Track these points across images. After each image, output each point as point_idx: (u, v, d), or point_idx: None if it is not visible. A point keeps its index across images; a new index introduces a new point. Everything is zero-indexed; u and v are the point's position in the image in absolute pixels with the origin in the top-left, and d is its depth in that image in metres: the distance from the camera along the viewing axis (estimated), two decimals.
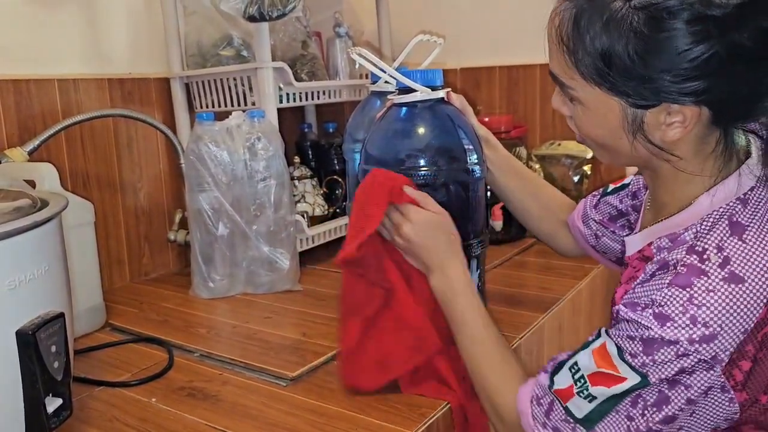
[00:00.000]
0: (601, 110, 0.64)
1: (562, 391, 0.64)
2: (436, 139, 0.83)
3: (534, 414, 0.66)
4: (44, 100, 1.15)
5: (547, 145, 1.52)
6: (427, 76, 0.84)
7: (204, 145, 1.14)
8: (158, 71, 1.35)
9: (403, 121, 0.85)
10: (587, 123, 0.66)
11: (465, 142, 0.83)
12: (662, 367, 0.58)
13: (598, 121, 0.65)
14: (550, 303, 1.08)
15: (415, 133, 0.84)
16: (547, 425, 0.65)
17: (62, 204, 0.71)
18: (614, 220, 0.90)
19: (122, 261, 1.30)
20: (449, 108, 0.86)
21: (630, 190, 0.88)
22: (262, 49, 1.21)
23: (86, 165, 1.22)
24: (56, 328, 0.65)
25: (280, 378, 0.86)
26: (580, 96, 0.64)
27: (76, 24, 1.22)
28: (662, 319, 0.57)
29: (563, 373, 0.65)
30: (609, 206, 0.90)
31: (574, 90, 0.64)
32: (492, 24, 1.58)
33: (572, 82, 0.64)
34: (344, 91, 1.42)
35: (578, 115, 0.67)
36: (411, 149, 0.82)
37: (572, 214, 0.96)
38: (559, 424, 0.64)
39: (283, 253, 1.18)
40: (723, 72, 0.57)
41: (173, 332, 1.03)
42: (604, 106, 0.63)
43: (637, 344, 0.59)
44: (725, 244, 0.59)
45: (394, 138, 0.85)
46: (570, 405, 0.63)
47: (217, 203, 1.15)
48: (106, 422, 0.77)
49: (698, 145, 0.64)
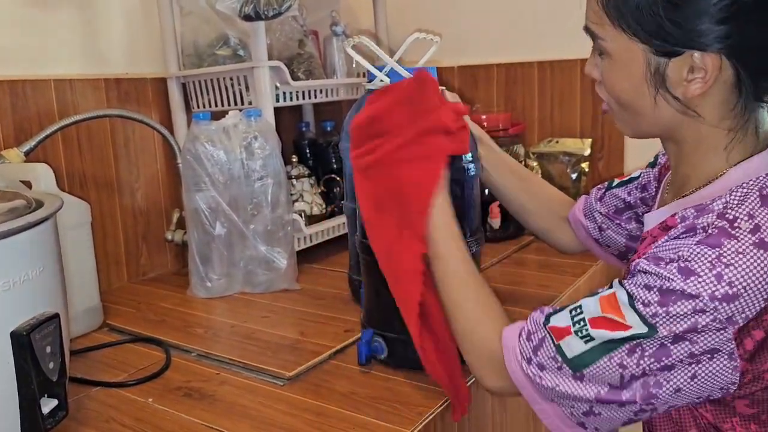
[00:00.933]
0: (626, 59, 0.65)
1: (558, 329, 0.63)
2: None
3: (521, 348, 0.65)
4: (40, 100, 1.14)
5: (545, 143, 1.52)
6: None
7: (201, 144, 1.14)
8: (155, 71, 1.35)
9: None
10: (613, 77, 0.68)
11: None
12: (675, 321, 0.57)
13: (623, 73, 0.66)
14: (548, 300, 1.08)
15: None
16: (532, 360, 0.64)
17: (57, 205, 0.71)
18: (620, 213, 0.91)
19: (120, 261, 1.30)
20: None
21: (639, 182, 0.89)
22: (259, 49, 1.21)
23: (83, 165, 1.22)
24: (51, 329, 0.65)
25: (277, 377, 0.86)
26: (609, 46, 0.66)
27: (72, 24, 1.22)
28: (687, 273, 0.57)
29: (562, 314, 0.64)
30: (616, 198, 0.91)
31: (604, 40, 0.66)
32: (490, 22, 1.58)
33: (602, 30, 0.66)
34: (341, 89, 1.41)
35: (606, 69, 0.68)
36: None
37: (573, 209, 0.96)
38: (545, 360, 0.63)
39: (281, 252, 1.18)
40: (749, 18, 0.59)
41: (171, 332, 1.03)
42: (630, 54, 0.64)
43: (653, 294, 0.58)
44: (756, 213, 0.59)
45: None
46: (562, 343, 0.62)
47: (214, 203, 1.15)
48: (103, 423, 0.77)
49: (721, 110, 0.65)
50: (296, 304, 1.13)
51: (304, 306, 1.11)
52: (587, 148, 1.47)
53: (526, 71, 1.54)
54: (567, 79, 1.49)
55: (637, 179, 0.90)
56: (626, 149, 1.45)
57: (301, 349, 0.93)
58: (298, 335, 0.99)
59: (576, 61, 1.47)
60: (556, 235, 0.99)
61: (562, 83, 1.50)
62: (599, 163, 1.49)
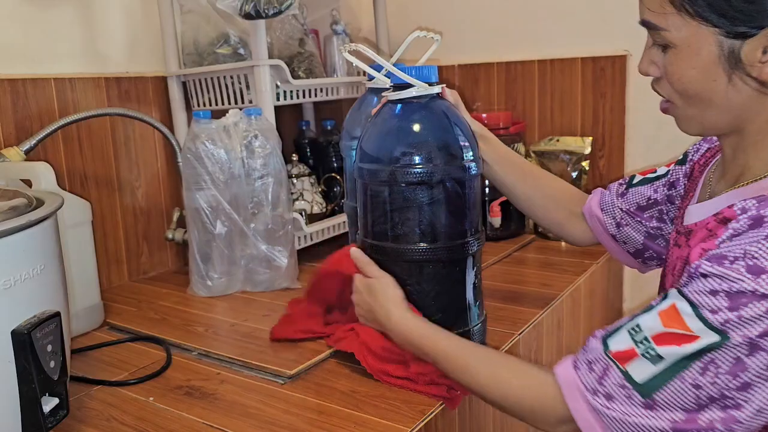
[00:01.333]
0: (695, 46, 0.63)
1: (621, 353, 0.59)
2: (432, 136, 0.82)
3: (584, 380, 0.61)
4: (41, 99, 1.14)
5: (546, 141, 1.52)
6: (422, 73, 0.83)
7: (201, 143, 1.14)
8: (155, 70, 1.35)
9: (398, 117, 0.84)
10: (680, 67, 0.65)
11: (461, 139, 0.83)
12: (748, 325, 0.53)
13: (692, 61, 0.63)
14: (549, 299, 1.08)
15: (411, 130, 0.83)
16: (598, 392, 0.59)
17: (58, 203, 0.71)
18: (643, 210, 0.89)
19: (120, 260, 1.30)
20: (444, 104, 0.85)
21: (668, 179, 0.87)
22: (259, 47, 1.21)
23: (83, 164, 1.22)
24: (52, 328, 0.65)
25: (278, 376, 0.86)
26: (673, 37, 0.63)
27: (72, 23, 1.21)
28: (757, 272, 0.53)
29: (620, 336, 0.60)
30: (640, 196, 0.90)
31: (668, 30, 0.64)
32: (490, 20, 1.58)
33: (665, 20, 0.63)
34: (342, 88, 1.41)
35: (671, 62, 0.65)
36: (406, 147, 0.81)
37: (588, 203, 0.95)
38: (613, 390, 0.58)
39: (281, 251, 1.18)
40: None
41: (171, 331, 1.03)
42: (699, 40, 0.62)
43: (721, 299, 0.54)
44: None
45: (389, 135, 0.84)
46: (630, 368, 0.58)
47: (215, 201, 1.15)
48: (104, 421, 0.77)
49: None
50: None
51: None
52: (588, 147, 1.46)
53: (526, 70, 1.54)
54: (567, 77, 1.49)
55: (664, 176, 0.88)
56: (627, 148, 1.45)
57: (302, 348, 0.93)
58: None
59: (577, 60, 1.47)
60: (568, 228, 0.98)
61: (563, 82, 1.50)
62: (600, 162, 1.49)
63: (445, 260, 0.83)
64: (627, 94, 1.43)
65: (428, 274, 0.83)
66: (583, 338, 1.13)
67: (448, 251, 0.82)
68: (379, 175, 0.82)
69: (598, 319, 1.35)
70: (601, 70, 1.45)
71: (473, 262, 0.86)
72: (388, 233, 0.83)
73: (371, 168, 0.83)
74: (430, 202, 0.81)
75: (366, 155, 0.85)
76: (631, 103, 1.43)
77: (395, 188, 0.81)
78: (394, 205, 0.82)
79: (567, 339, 1.14)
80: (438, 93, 0.84)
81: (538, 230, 1.50)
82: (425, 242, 0.82)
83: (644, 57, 0.70)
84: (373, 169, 0.83)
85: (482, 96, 1.61)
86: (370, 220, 0.86)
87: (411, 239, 0.82)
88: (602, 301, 1.36)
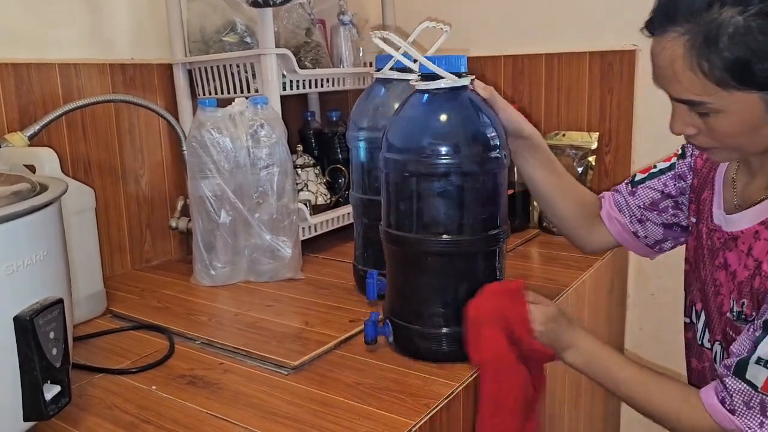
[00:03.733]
0: (741, 109, 0.69)
1: (766, 384, 0.68)
2: (460, 127, 0.81)
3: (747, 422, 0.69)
4: (45, 84, 1.13)
5: (552, 136, 1.51)
6: (451, 63, 0.81)
7: (206, 131, 1.13)
8: (161, 57, 1.34)
9: (425, 108, 0.83)
10: (726, 127, 0.71)
11: (489, 131, 0.81)
12: None
13: (738, 121, 0.70)
14: (554, 293, 1.07)
15: (438, 120, 0.82)
16: (764, 424, 0.68)
17: (61, 189, 0.70)
18: (657, 204, 0.95)
19: (123, 248, 1.29)
20: (472, 95, 0.84)
21: (676, 173, 0.93)
22: (266, 36, 1.20)
23: (87, 151, 1.21)
24: (55, 314, 0.64)
25: (281, 367, 0.85)
26: (717, 106, 0.69)
27: (78, 8, 1.20)
28: None
29: (753, 371, 0.69)
30: (652, 190, 0.95)
31: (712, 103, 0.69)
32: (497, 13, 1.56)
33: (709, 97, 0.69)
34: (348, 79, 1.40)
35: (715, 125, 0.71)
36: (433, 137, 0.80)
37: (605, 208, 0.99)
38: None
39: (286, 241, 1.18)
40: None
41: (174, 320, 1.02)
42: (744, 104, 0.68)
43: None
44: None
45: (416, 126, 0.83)
46: None
47: (220, 190, 1.14)
48: (106, 409, 0.76)
49: None
50: (301, 293, 1.12)
51: (309, 295, 1.11)
52: (594, 142, 1.45)
53: (533, 63, 1.53)
54: (575, 72, 1.48)
55: (670, 170, 0.94)
56: (634, 143, 1.44)
57: (306, 339, 0.92)
58: (302, 325, 0.98)
59: (584, 54, 1.45)
60: (585, 233, 1.00)
61: (570, 76, 1.49)
62: (606, 157, 1.48)
63: (470, 252, 0.83)
64: (635, 89, 1.42)
65: (450, 267, 0.83)
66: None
67: (473, 243, 0.82)
68: (406, 166, 0.81)
69: (603, 315, 1.34)
70: (609, 65, 1.43)
71: (500, 254, 0.85)
72: (414, 224, 0.83)
73: (398, 158, 0.82)
74: (456, 193, 0.81)
75: (392, 146, 0.84)
76: (638, 99, 1.42)
77: (421, 179, 0.81)
78: (420, 196, 0.82)
79: None
80: (467, 85, 0.83)
81: (542, 224, 1.49)
82: (450, 234, 0.81)
83: (677, 119, 0.75)
84: (400, 160, 0.82)
85: None
86: (394, 210, 0.85)
87: (436, 230, 0.81)
88: (607, 296, 1.36)
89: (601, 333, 1.35)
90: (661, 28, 0.70)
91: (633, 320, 1.51)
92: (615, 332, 1.46)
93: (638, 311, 1.50)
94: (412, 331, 0.85)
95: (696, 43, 0.67)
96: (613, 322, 1.44)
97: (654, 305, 1.46)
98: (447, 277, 0.83)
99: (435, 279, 0.83)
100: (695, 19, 0.67)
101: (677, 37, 0.68)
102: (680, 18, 0.68)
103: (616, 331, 1.47)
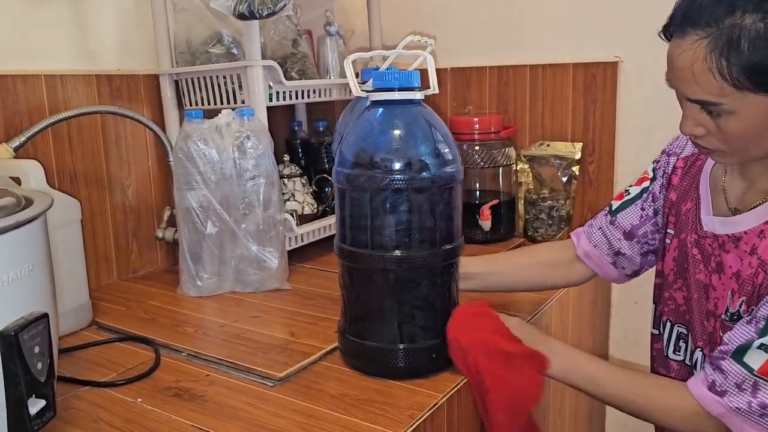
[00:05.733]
0: (752, 111, 0.71)
1: (763, 367, 0.70)
2: (412, 142, 0.80)
3: (738, 402, 0.71)
4: (30, 96, 1.14)
5: (536, 146, 1.52)
6: (405, 77, 0.80)
7: (193, 143, 1.13)
8: (147, 68, 1.35)
9: (378, 122, 0.82)
10: (736, 128, 0.73)
11: (441, 145, 0.81)
12: None
13: (748, 122, 0.72)
14: (538, 303, 1.09)
15: (391, 135, 0.81)
16: (752, 404, 0.71)
17: (47, 203, 0.71)
18: (637, 229, 0.97)
19: (110, 259, 1.29)
20: (425, 110, 0.83)
21: (649, 194, 0.97)
22: (252, 47, 1.20)
23: (74, 162, 1.21)
24: (40, 329, 0.65)
25: (267, 378, 0.86)
26: (730, 107, 0.71)
27: (63, 19, 1.21)
28: None
29: (753, 355, 0.71)
30: (631, 216, 0.98)
31: (725, 104, 0.71)
32: (483, 24, 1.58)
33: (723, 98, 0.71)
34: (334, 89, 1.41)
35: (726, 125, 0.73)
36: (386, 152, 0.79)
37: (579, 247, 1.02)
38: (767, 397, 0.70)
39: (272, 251, 1.18)
40: None
41: (160, 331, 1.02)
42: (756, 105, 0.71)
43: None
44: None
45: (369, 140, 0.82)
46: None
47: (206, 201, 1.15)
48: (91, 423, 0.77)
49: None
50: (287, 304, 1.13)
51: (295, 306, 1.11)
52: (578, 152, 1.47)
53: (518, 74, 1.55)
54: (559, 82, 1.50)
55: (644, 192, 0.97)
56: (616, 153, 1.46)
57: (292, 350, 0.93)
58: (288, 335, 0.98)
59: (568, 66, 1.47)
60: (572, 277, 1.04)
61: (554, 87, 1.51)
62: (590, 167, 1.49)
63: (426, 268, 0.81)
64: (618, 100, 1.43)
65: (405, 283, 0.82)
66: (570, 343, 1.14)
67: (427, 259, 0.81)
68: (358, 181, 0.80)
69: (587, 324, 1.36)
70: (593, 77, 1.45)
71: (455, 269, 0.85)
72: (367, 240, 0.81)
73: (350, 172, 0.81)
74: (409, 208, 0.79)
75: (345, 160, 0.82)
76: (621, 110, 1.44)
77: (374, 194, 0.79)
78: (373, 212, 0.80)
79: None
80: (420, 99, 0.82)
81: (527, 234, 1.50)
82: (403, 250, 0.80)
83: (688, 119, 0.77)
84: (352, 174, 0.81)
85: (474, 100, 1.61)
86: (348, 226, 0.84)
87: (389, 246, 0.80)
88: (590, 305, 1.37)
89: (586, 342, 1.36)
90: (681, 31, 0.72)
91: (617, 328, 1.52)
92: (599, 341, 1.48)
93: (622, 320, 1.51)
94: (367, 347, 0.84)
95: (717, 45, 0.69)
96: (598, 330, 1.45)
97: (638, 313, 1.48)
98: (402, 293, 0.82)
99: (390, 295, 0.82)
100: (717, 23, 0.69)
101: (699, 40, 0.70)
102: (702, 22, 0.70)
103: (600, 339, 1.48)
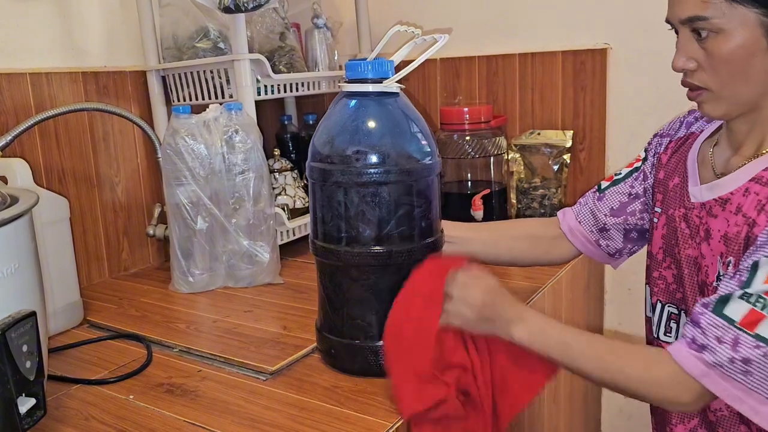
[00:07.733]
0: (740, 29, 0.72)
1: (745, 319, 0.67)
2: (388, 134, 0.78)
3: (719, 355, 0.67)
4: (16, 94, 1.13)
5: (527, 135, 1.52)
6: (377, 67, 0.77)
7: (181, 138, 1.13)
8: (134, 64, 1.34)
9: (351, 114, 0.79)
10: (725, 49, 0.73)
11: (419, 137, 0.79)
12: None
13: (737, 42, 0.72)
14: (531, 292, 1.09)
15: (365, 127, 0.78)
16: (735, 360, 0.66)
17: (32, 201, 0.70)
18: (625, 207, 0.97)
19: (100, 257, 1.29)
20: (401, 100, 0.81)
21: (640, 173, 0.96)
22: (239, 41, 1.20)
23: (61, 160, 1.20)
24: (27, 328, 0.64)
25: (260, 372, 0.86)
26: (719, 22, 0.72)
27: (48, 16, 1.20)
28: None
29: (734, 305, 0.68)
30: (619, 194, 0.97)
31: (715, 18, 0.72)
32: (471, 14, 1.58)
33: (713, 11, 0.72)
34: (323, 82, 1.41)
35: (714, 47, 0.73)
36: (360, 145, 0.77)
37: (564, 222, 1.01)
38: (749, 351, 0.66)
39: (263, 246, 1.18)
40: None
41: (152, 328, 1.02)
42: (744, 22, 0.71)
43: None
44: None
45: (342, 133, 0.78)
46: (761, 329, 0.66)
47: (196, 197, 1.14)
48: (83, 421, 0.76)
49: None
50: (279, 298, 1.12)
51: (287, 300, 1.11)
52: (569, 140, 1.47)
53: (507, 63, 1.54)
54: (548, 70, 1.49)
55: (635, 172, 0.97)
56: (607, 140, 1.46)
57: (284, 344, 0.93)
58: (280, 329, 0.98)
59: (557, 53, 1.47)
60: (554, 253, 1.03)
61: (543, 75, 1.50)
62: (581, 155, 1.49)
63: (404, 263, 0.78)
64: (608, 87, 1.43)
65: (383, 279, 0.79)
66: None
67: (405, 254, 0.78)
68: (332, 175, 0.77)
69: (581, 310, 1.36)
70: (582, 64, 1.45)
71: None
72: (342, 236, 0.79)
73: (323, 167, 0.78)
74: (385, 203, 0.77)
75: (317, 154, 0.79)
76: (611, 97, 1.44)
77: (347, 189, 0.77)
78: (347, 207, 0.78)
79: None
80: (396, 91, 0.79)
81: None
82: (380, 245, 0.78)
83: (680, 53, 0.77)
84: (326, 169, 0.78)
85: (463, 90, 1.61)
86: (321, 221, 0.81)
87: (365, 241, 0.78)
88: (584, 292, 1.37)
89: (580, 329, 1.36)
90: None
91: (611, 316, 1.53)
92: (593, 328, 1.48)
93: (616, 307, 1.52)
94: (344, 345, 0.82)
95: None
96: (591, 318, 1.46)
97: (631, 300, 1.49)
98: (380, 289, 0.79)
99: (368, 292, 0.80)
100: None
101: None
102: None
103: (594, 326, 1.49)
